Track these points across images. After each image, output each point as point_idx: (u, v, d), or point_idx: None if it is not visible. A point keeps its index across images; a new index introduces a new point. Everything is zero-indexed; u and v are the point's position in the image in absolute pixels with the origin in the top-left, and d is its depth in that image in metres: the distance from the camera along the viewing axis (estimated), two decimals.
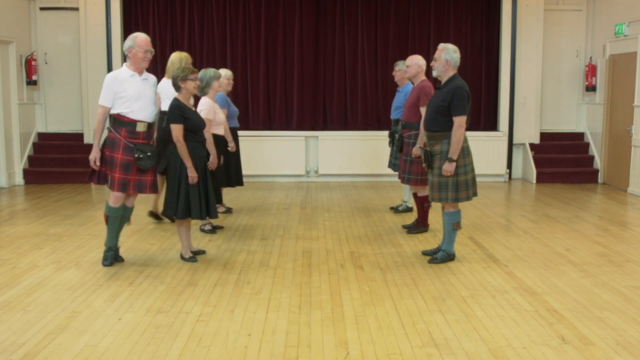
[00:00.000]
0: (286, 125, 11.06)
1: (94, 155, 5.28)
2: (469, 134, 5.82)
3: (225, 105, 7.14)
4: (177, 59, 6.70)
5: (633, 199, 9.10)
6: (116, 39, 10.52)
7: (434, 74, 5.53)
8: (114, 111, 5.26)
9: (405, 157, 6.69)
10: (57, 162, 10.53)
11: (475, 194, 5.52)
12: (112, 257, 5.48)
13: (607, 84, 10.30)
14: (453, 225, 5.55)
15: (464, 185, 5.40)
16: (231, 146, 7.07)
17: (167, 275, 5.19)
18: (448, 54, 5.39)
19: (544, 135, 11.09)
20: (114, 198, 5.33)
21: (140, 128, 5.29)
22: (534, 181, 10.56)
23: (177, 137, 5.35)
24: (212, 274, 5.23)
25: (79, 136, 10.87)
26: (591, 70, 10.73)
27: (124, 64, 5.40)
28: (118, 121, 5.28)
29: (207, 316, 4.26)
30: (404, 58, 7.44)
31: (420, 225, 6.79)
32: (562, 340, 3.87)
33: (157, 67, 10.84)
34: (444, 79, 5.44)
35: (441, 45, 5.47)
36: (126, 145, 5.25)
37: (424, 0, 10.95)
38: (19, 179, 10.26)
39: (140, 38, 5.30)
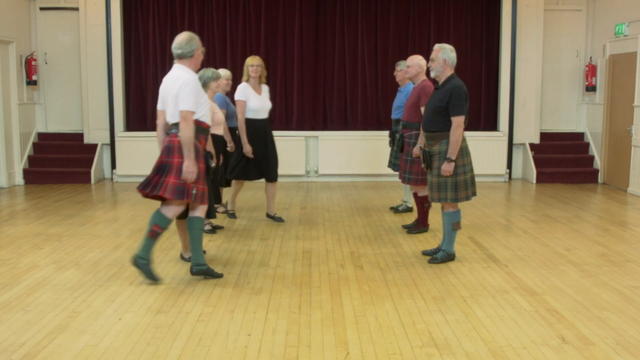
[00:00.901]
0: (286, 125, 11.06)
1: (197, 169, 4.73)
2: (469, 134, 5.83)
3: (224, 106, 7.14)
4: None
5: (633, 199, 9.10)
6: (116, 39, 10.52)
7: (432, 74, 5.55)
8: (195, 116, 4.80)
9: (405, 157, 6.69)
10: (57, 162, 10.54)
11: (474, 194, 5.52)
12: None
13: (607, 84, 10.30)
14: (453, 225, 5.55)
15: (463, 185, 5.40)
16: (230, 146, 7.07)
17: (167, 275, 5.19)
18: (445, 54, 5.40)
19: (544, 135, 11.09)
20: (177, 210, 4.92)
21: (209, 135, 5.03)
22: (534, 181, 10.56)
23: None
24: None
25: (79, 136, 10.87)
26: (591, 70, 10.73)
27: (181, 66, 4.87)
28: (199, 128, 4.84)
29: (207, 316, 4.26)
30: (404, 58, 7.45)
31: (420, 225, 6.79)
32: (562, 340, 3.87)
33: (157, 68, 10.86)
34: (442, 79, 5.45)
35: (437, 46, 5.48)
36: (204, 153, 4.93)
37: (424, 0, 10.96)
38: (19, 179, 10.26)
39: (199, 39, 4.96)
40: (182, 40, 4.88)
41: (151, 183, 4.81)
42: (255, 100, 6.99)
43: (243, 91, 6.95)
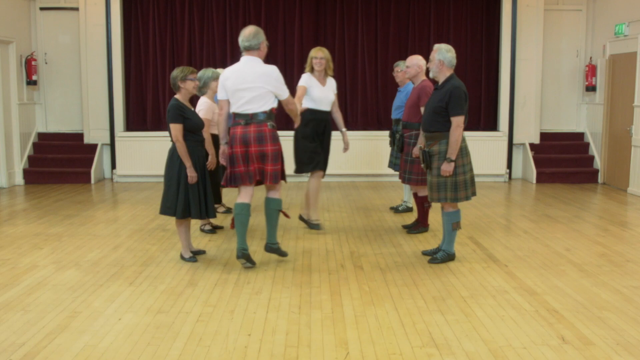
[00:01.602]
0: (286, 125, 11.04)
1: None
2: (469, 134, 5.83)
3: None
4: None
5: (633, 199, 9.10)
6: (116, 39, 10.52)
7: (431, 75, 5.57)
8: (273, 105, 5.27)
9: (406, 157, 6.70)
10: (57, 162, 10.54)
11: (474, 194, 5.52)
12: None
13: (607, 84, 10.30)
14: (453, 225, 5.55)
15: (462, 185, 5.40)
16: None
17: (167, 275, 5.19)
18: (441, 54, 5.41)
19: (544, 135, 11.09)
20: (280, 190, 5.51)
21: None
22: (534, 181, 10.56)
23: (176, 136, 5.35)
24: (212, 274, 5.23)
25: (79, 136, 10.87)
26: (591, 70, 10.73)
27: (255, 58, 5.26)
28: (274, 115, 5.35)
29: (207, 316, 4.26)
30: (404, 58, 7.47)
31: (420, 225, 6.79)
32: (562, 340, 3.87)
33: (157, 68, 10.86)
34: (440, 80, 5.46)
35: (435, 46, 5.51)
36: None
37: (423, 0, 10.95)
38: (19, 179, 10.26)
39: (263, 32, 5.33)
40: (250, 33, 5.23)
41: (249, 173, 5.26)
42: (318, 90, 6.72)
43: (306, 79, 6.71)
